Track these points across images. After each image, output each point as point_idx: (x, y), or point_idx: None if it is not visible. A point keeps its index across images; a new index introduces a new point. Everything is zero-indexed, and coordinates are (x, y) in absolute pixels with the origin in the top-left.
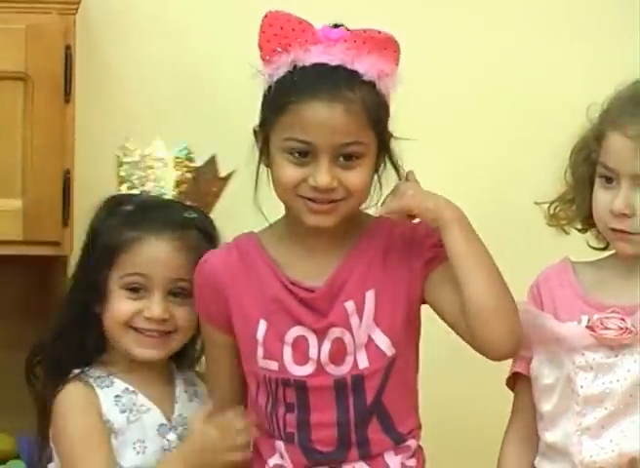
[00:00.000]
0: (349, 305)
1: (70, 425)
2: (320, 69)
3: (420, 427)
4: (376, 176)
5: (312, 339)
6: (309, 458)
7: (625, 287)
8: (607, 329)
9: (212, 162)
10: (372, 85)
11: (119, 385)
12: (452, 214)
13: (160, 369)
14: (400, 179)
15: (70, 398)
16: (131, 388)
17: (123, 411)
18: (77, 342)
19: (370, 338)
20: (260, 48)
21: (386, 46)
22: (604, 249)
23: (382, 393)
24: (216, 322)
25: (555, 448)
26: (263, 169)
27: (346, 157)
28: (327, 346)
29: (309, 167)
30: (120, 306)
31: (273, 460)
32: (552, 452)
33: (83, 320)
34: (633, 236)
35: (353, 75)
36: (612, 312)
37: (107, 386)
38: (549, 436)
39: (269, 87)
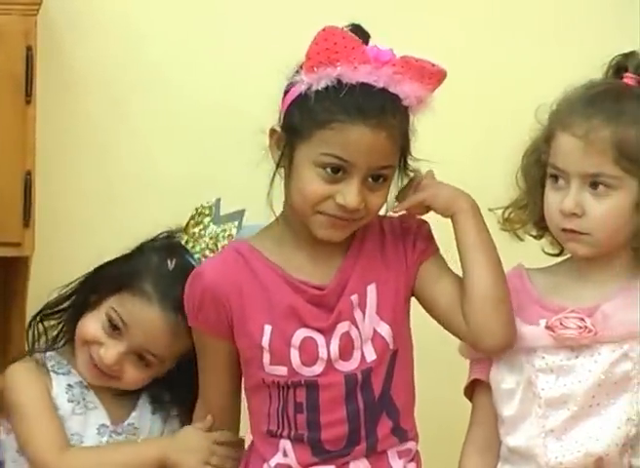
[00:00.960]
0: (354, 298)
1: (22, 396)
2: (367, 90)
3: (416, 428)
4: None
5: (320, 340)
6: (317, 456)
7: (582, 289)
8: (566, 328)
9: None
10: (406, 109)
11: (74, 377)
12: (465, 203)
13: None
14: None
15: (19, 372)
16: (84, 383)
17: (70, 401)
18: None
19: (375, 331)
20: (308, 58)
21: (431, 76)
22: (559, 254)
23: (390, 387)
24: (216, 331)
25: (518, 452)
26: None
27: (375, 178)
28: (335, 343)
29: (339, 185)
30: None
31: (275, 460)
32: (515, 457)
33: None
34: (584, 236)
35: (395, 100)
36: (571, 312)
37: (63, 373)
38: (512, 440)
39: (305, 94)
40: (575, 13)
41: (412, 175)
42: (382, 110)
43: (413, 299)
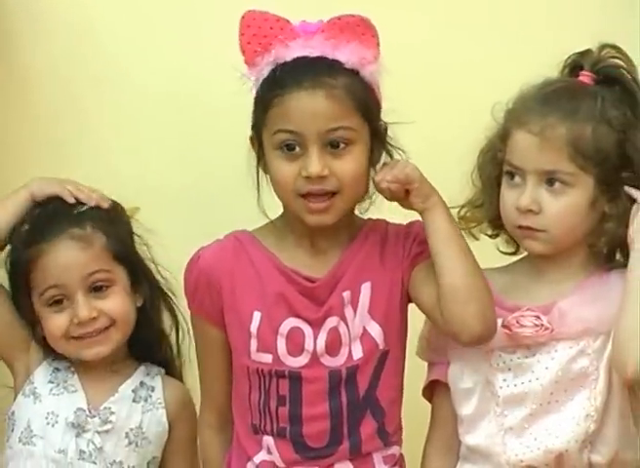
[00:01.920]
0: (346, 295)
1: None
2: (301, 62)
3: (401, 430)
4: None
5: (308, 331)
6: (300, 453)
7: (538, 287)
8: (523, 327)
9: None
10: (355, 73)
11: (65, 363)
12: (439, 198)
13: (103, 364)
14: None
15: None
16: (72, 368)
17: (50, 382)
18: None
19: (365, 330)
20: (243, 51)
21: (364, 31)
22: (514, 253)
23: (376, 387)
24: (210, 317)
25: (478, 450)
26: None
27: (334, 145)
28: (323, 337)
29: (300, 160)
30: (50, 322)
31: (259, 457)
32: (475, 456)
33: None
34: (540, 233)
35: (335, 64)
36: (527, 310)
37: (53, 359)
38: (471, 439)
39: (257, 89)
40: (532, 13)
41: (395, 149)
42: (317, 73)
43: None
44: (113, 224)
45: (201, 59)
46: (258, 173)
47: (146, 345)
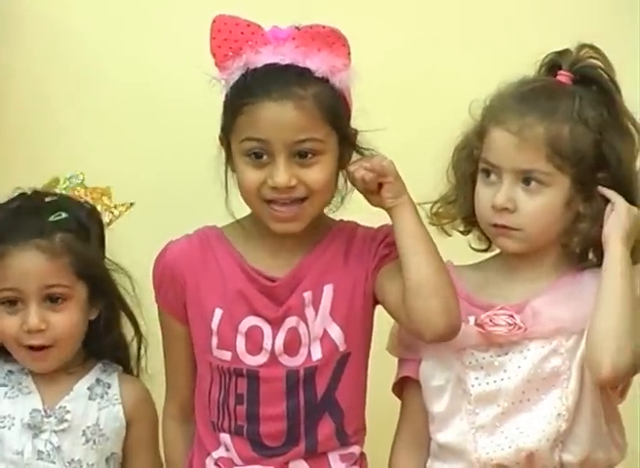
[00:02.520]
0: (307, 295)
1: None
2: (271, 69)
3: (364, 430)
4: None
5: (267, 330)
6: (256, 451)
7: (511, 286)
8: (496, 325)
9: None
10: (325, 81)
11: (18, 365)
12: (409, 196)
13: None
14: None
15: None
16: (26, 370)
17: (4, 385)
18: None
19: (325, 332)
20: (213, 54)
21: (334, 40)
22: (486, 250)
23: (335, 388)
24: (174, 311)
25: (449, 448)
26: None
27: (302, 155)
28: (282, 336)
29: (267, 168)
30: (2, 321)
31: (218, 453)
32: (446, 453)
33: None
34: (515, 231)
35: (305, 73)
36: (500, 309)
37: (8, 362)
38: (442, 436)
39: (226, 93)
40: (503, 15)
41: (370, 153)
42: (287, 83)
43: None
44: (84, 239)
45: (173, 59)
46: (226, 172)
47: (104, 348)
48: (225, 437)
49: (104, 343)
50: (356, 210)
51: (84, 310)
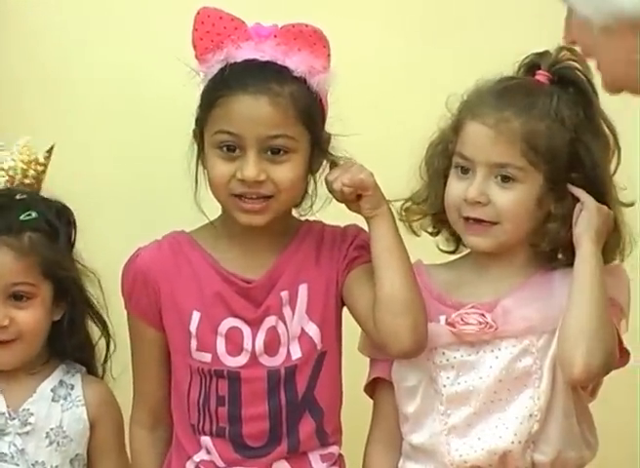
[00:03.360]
0: (284, 295)
1: None
2: (250, 64)
3: (341, 431)
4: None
5: (246, 331)
6: (239, 453)
7: (482, 285)
8: (467, 324)
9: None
10: (303, 81)
11: None
12: (387, 206)
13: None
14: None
15: None
16: None
17: None
18: None
19: (303, 330)
20: (194, 46)
21: (315, 41)
22: (453, 252)
23: (314, 387)
24: (147, 317)
25: (422, 449)
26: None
27: (274, 151)
28: (261, 337)
29: (238, 161)
30: None
31: (199, 456)
32: (419, 454)
33: None
34: (487, 226)
35: (283, 71)
36: (471, 308)
37: None
38: (415, 438)
39: (204, 86)
40: (480, 12)
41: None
42: (265, 79)
43: None
44: (52, 239)
45: (149, 59)
46: (197, 167)
47: (67, 349)
48: (206, 439)
49: (68, 344)
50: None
51: (48, 309)
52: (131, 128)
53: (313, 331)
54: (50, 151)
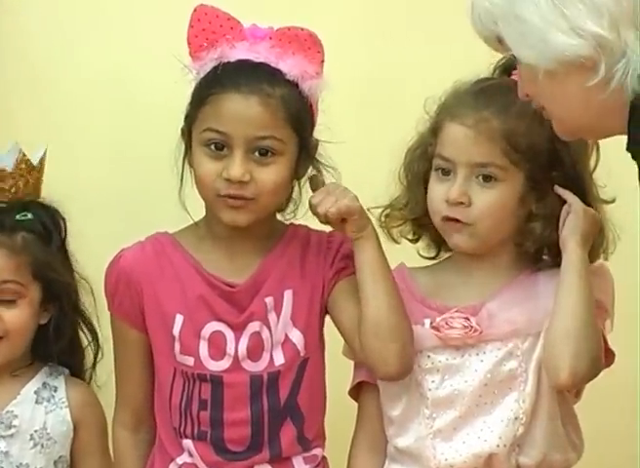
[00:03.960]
0: (269, 301)
1: None
2: (243, 65)
3: (324, 436)
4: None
5: (230, 335)
6: (220, 455)
7: (466, 288)
8: (452, 328)
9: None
10: (295, 85)
11: None
12: (372, 228)
13: (3, 369)
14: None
15: None
16: None
17: None
18: None
19: (287, 337)
20: (189, 43)
21: (310, 45)
22: (434, 257)
23: (297, 393)
24: (129, 318)
25: (407, 452)
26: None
27: (261, 152)
28: (245, 341)
29: (225, 160)
30: None
31: (182, 459)
32: (404, 457)
33: None
34: (469, 226)
35: (276, 73)
36: (456, 312)
37: None
38: (401, 441)
39: (196, 83)
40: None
41: (325, 168)
42: (257, 79)
43: None
44: (45, 242)
45: (132, 57)
46: (183, 165)
47: (52, 353)
48: (188, 443)
49: (54, 348)
50: None
51: (35, 311)
52: (120, 128)
53: (297, 337)
54: (44, 156)
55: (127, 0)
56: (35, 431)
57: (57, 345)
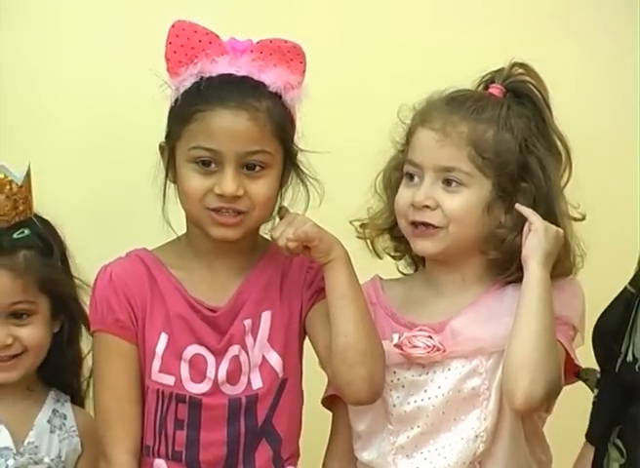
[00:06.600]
0: (247, 323)
1: None
2: (227, 79)
3: (298, 455)
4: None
5: (211, 359)
6: None
7: (434, 302)
8: (415, 347)
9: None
10: (277, 96)
11: None
12: (341, 251)
13: (19, 389)
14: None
15: None
16: None
17: None
18: None
19: (264, 359)
20: (167, 59)
21: (293, 57)
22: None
23: (273, 415)
24: (123, 331)
25: (371, 467)
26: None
27: (251, 167)
28: (225, 366)
29: (215, 176)
30: None
31: None
32: None
33: None
34: (435, 230)
35: (259, 86)
36: (420, 330)
37: None
38: (366, 455)
39: (176, 99)
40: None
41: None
42: (243, 94)
43: None
44: (47, 254)
45: (113, 73)
46: (165, 182)
47: (55, 370)
48: (160, 463)
49: (65, 358)
50: None
51: (48, 323)
52: (96, 144)
53: (275, 359)
54: (28, 172)
55: (105, 17)
56: (52, 460)
57: (70, 352)
